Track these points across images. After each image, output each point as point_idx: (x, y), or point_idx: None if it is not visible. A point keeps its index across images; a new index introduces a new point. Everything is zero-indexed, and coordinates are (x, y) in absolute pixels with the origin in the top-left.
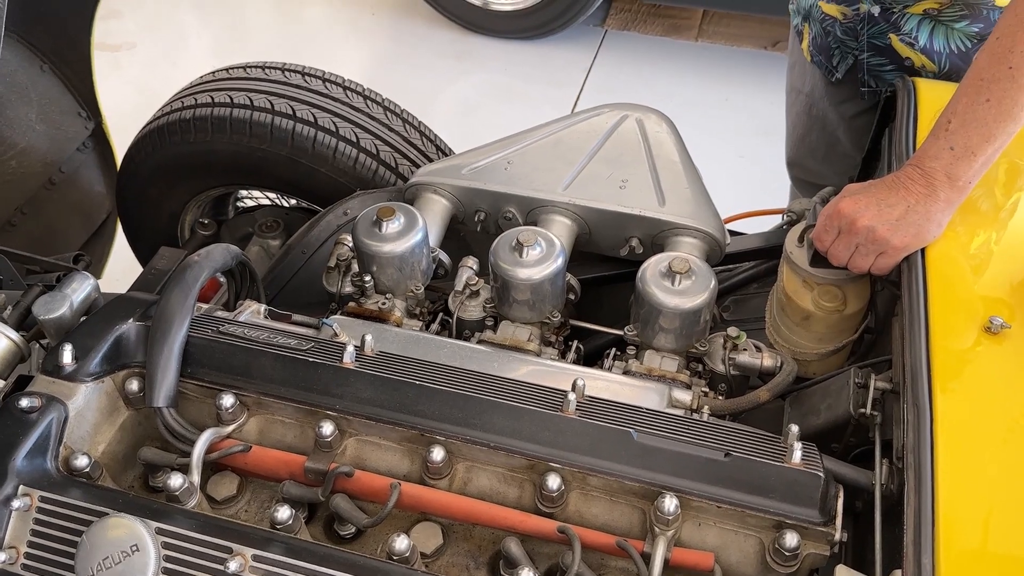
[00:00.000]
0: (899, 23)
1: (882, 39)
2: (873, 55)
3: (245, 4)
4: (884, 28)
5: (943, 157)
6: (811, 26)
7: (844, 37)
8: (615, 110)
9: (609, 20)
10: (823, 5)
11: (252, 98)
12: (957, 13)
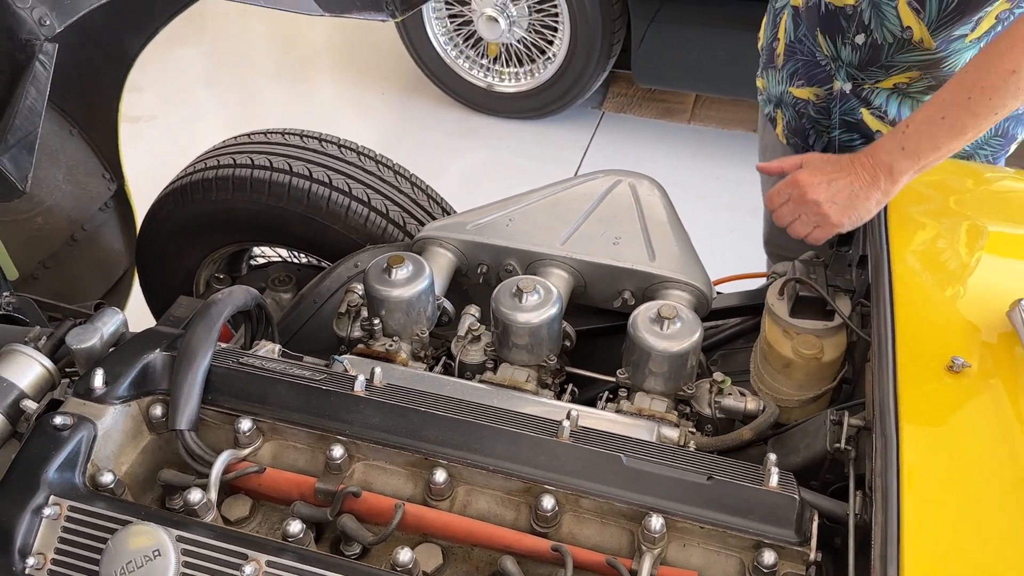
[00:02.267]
0: (869, 98)
1: (854, 115)
2: (844, 131)
3: (258, 82)
4: (855, 104)
5: (894, 153)
6: (784, 111)
7: (818, 117)
8: (610, 175)
9: (606, 103)
10: (794, 91)
11: (271, 160)
12: (925, 86)
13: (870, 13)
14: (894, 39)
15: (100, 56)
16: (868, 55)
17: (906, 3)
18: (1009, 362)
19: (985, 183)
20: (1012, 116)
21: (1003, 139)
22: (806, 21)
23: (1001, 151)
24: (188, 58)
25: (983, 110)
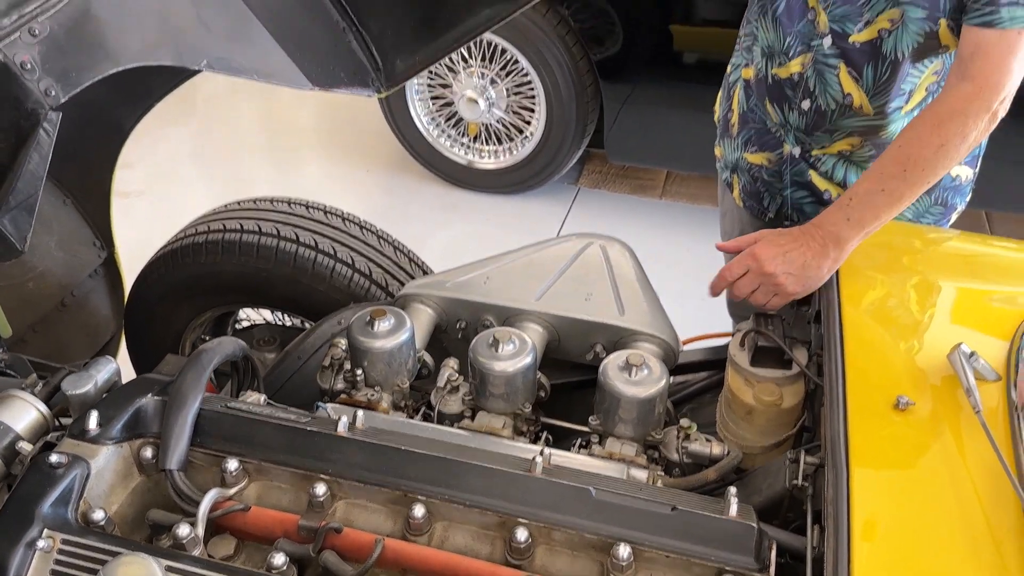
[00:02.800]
0: (816, 163)
1: (803, 176)
2: (796, 190)
3: (246, 161)
4: (804, 168)
5: (839, 224)
6: (740, 176)
7: (771, 180)
8: (582, 237)
9: (582, 179)
10: (748, 156)
11: (260, 225)
12: (867, 153)
13: (815, 80)
14: (836, 105)
15: (97, 129)
16: (814, 120)
17: (846, 71)
18: (951, 399)
19: (929, 243)
20: (950, 187)
21: (943, 208)
22: (756, 92)
23: (943, 219)
24: (178, 137)
25: (917, 180)
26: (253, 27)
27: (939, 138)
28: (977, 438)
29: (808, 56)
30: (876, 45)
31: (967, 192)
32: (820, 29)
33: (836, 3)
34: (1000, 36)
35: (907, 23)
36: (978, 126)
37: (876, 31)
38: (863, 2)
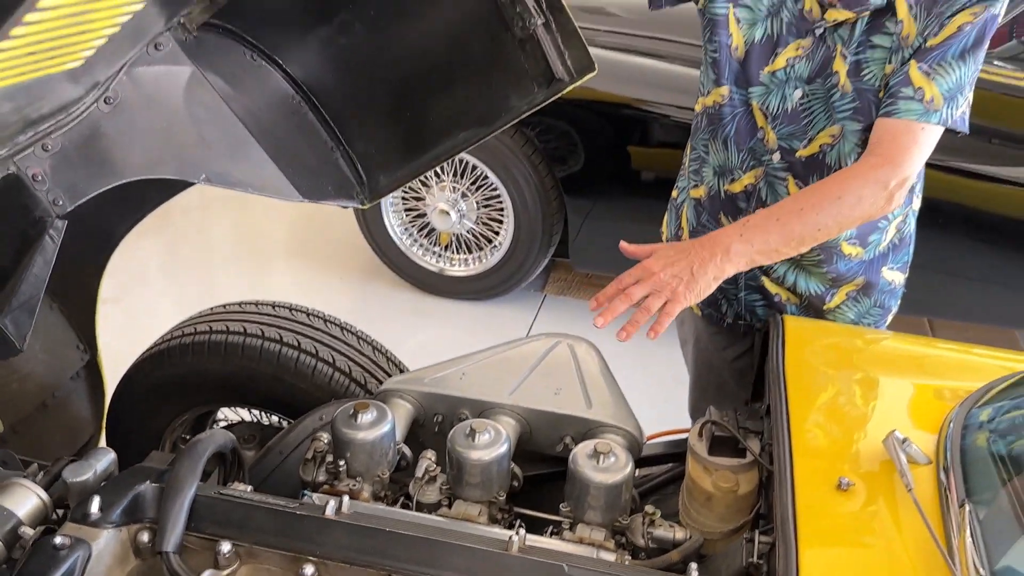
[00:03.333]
0: (768, 270)
1: (756, 280)
2: (750, 293)
3: (220, 271)
4: (757, 273)
5: (732, 237)
6: None
7: (726, 286)
8: (551, 337)
9: (548, 286)
10: None
11: (246, 326)
12: (816, 258)
13: (766, 190)
14: None
15: (88, 236)
16: None
17: (794, 182)
18: (887, 480)
19: (870, 343)
20: (886, 291)
21: (881, 310)
22: (708, 209)
23: (881, 320)
24: (153, 247)
25: (809, 221)
26: (249, 144)
27: (838, 191)
28: (910, 514)
29: (760, 170)
30: (819, 158)
31: (899, 296)
32: (769, 146)
33: (782, 123)
34: (902, 125)
35: (847, 135)
36: (875, 194)
37: (819, 145)
38: (806, 122)
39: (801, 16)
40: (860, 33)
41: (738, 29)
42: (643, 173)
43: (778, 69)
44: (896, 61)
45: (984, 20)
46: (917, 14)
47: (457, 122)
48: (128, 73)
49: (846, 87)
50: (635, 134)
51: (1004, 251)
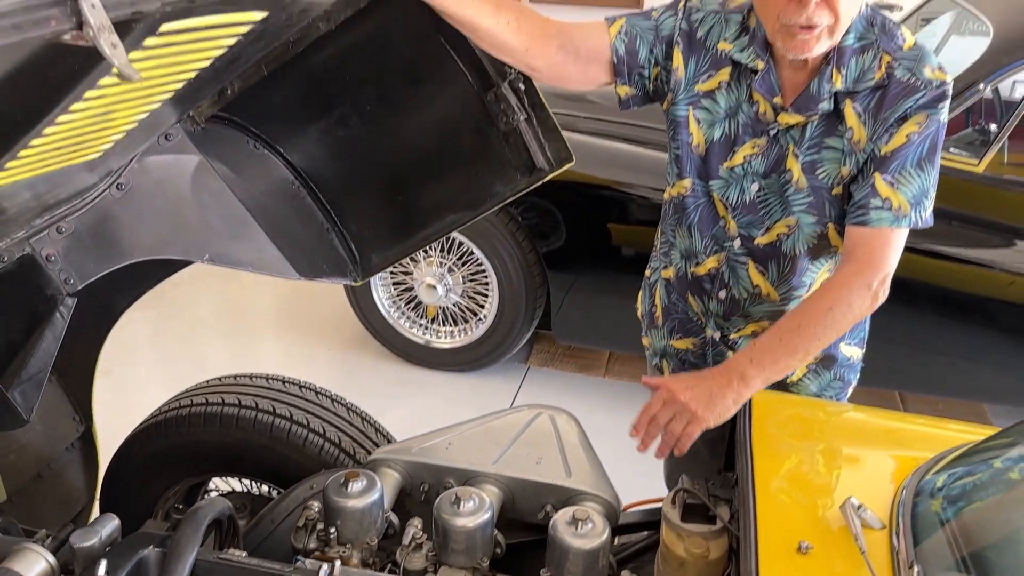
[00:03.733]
0: (734, 345)
1: (723, 356)
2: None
3: (209, 343)
4: (724, 349)
5: (743, 364)
6: (668, 360)
7: (696, 361)
8: (533, 408)
9: (532, 358)
10: (675, 343)
11: (240, 399)
12: None
13: (728, 274)
14: (748, 294)
15: (91, 310)
16: (730, 307)
17: (754, 267)
18: (844, 544)
19: (831, 415)
20: (845, 365)
21: (841, 383)
22: (677, 288)
23: (841, 393)
24: (143, 320)
25: (809, 336)
26: (250, 226)
27: (828, 303)
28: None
29: (722, 255)
30: (776, 246)
31: (858, 369)
32: (730, 233)
33: (741, 213)
34: (873, 232)
35: (802, 227)
36: (861, 298)
37: (776, 234)
38: (764, 213)
39: (756, 118)
40: (812, 135)
41: (698, 128)
42: (622, 249)
43: (736, 165)
44: (850, 164)
45: (932, 129)
46: (865, 120)
47: (446, 206)
48: (139, 161)
49: (800, 183)
50: (614, 213)
51: (970, 327)
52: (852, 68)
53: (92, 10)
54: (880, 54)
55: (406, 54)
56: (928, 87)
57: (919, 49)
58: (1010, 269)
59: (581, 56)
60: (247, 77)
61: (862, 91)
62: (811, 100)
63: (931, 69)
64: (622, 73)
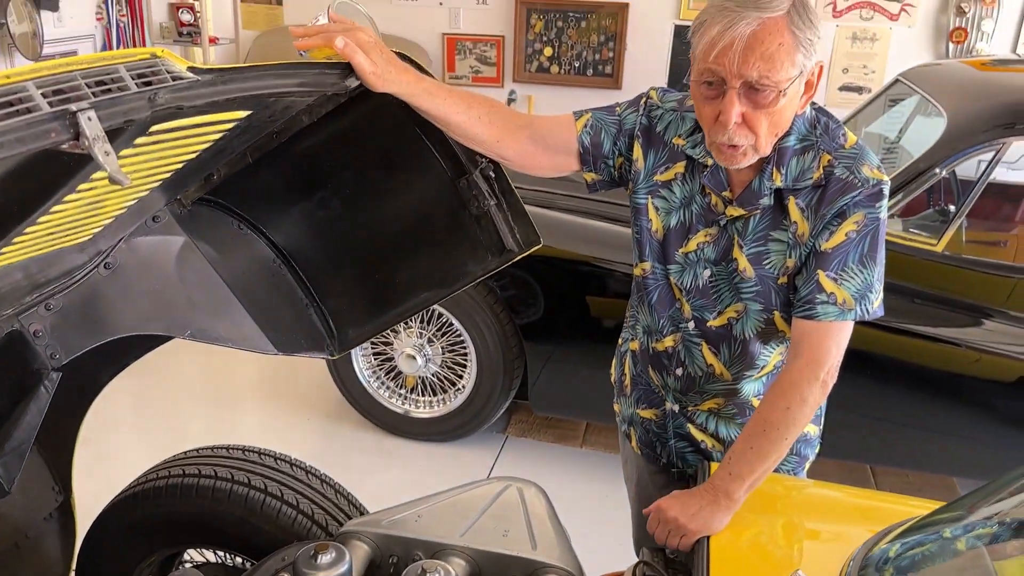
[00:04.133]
0: (693, 417)
1: (683, 428)
2: (678, 441)
3: (189, 412)
4: (683, 421)
5: (724, 479)
6: (635, 428)
7: (659, 431)
8: (502, 481)
9: (510, 428)
10: (640, 412)
11: (216, 470)
12: (731, 411)
13: (684, 353)
14: (703, 372)
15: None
16: (686, 383)
17: (707, 348)
18: None
19: (790, 489)
20: (801, 440)
21: (798, 457)
22: (641, 361)
23: (799, 467)
24: (126, 390)
25: (775, 437)
26: (232, 304)
27: (784, 402)
28: None
29: (678, 335)
30: (728, 329)
31: (815, 445)
32: (685, 315)
33: (695, 297)
34: (819, 325)
35: (749, 313)
36: (812, 391)
37: (727, 319)
38: (715, 298)
39: (708, 208)
40: (756, 228)
41: (656, 216)
42: (598, 322)
43: (690, 251)
44: (795, 256)
45: (871, 227)
46: (808, 216)
47: (421, 284)
48: (128, 241)
49: (747, 272)
50: (591, 287)
51: (939, 402)
52: (792, 167)
53: (88, 123)
54: (820, 154)
55: (384, 143)
56: (865, 185)
57: (858, 149)
58: (976, 346)
59: (550, 147)
60: (233, 164)
61: (803, 188)
62: (753, 196)
63: (869, 168)
64: (588, 162)
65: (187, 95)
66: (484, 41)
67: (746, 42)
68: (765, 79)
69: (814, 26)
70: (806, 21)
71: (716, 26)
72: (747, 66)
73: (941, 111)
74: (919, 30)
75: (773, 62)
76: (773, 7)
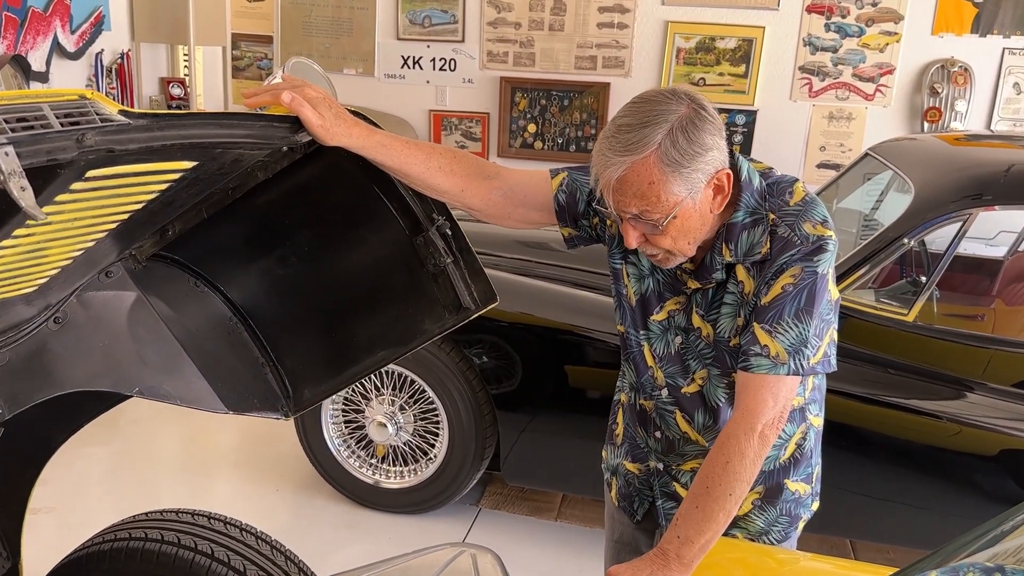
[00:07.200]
0: (678, 476)
1: (668, 487)
2: (665, 500)
3: (160, 480)
4: (668, 479)
5: (673, 543)
6: (617, 479)
7: (641, 487)
8: (455, 547)
9: (483, 500)
10: (626, 464)
11: (163, 534)
12: None
13: (659, 420)
14: (679, 437)
15: (24, 443)
16: (666, 445)
17: (680, 415)
18: None
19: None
20: (791, 500)
21: (789, 518)
22: (629, 415)
23: (791, 527)
24: (97, 456)
25: (719, 495)
26: (183, 361)
27: (723, 457)
28: None
29: (652, 402)
30: (700, 396)
31: (808, 505)
32: (658, 383)
33: (667, 364)
34: (756, 379)
35: (711, 379)
36: (750, 444)
37: (698, 386)
38: (686, 365)
39: (674, 278)
40: (714, 297)
41: (630, 282)
42: (578, 392)
43: (662, 319)
44: (743, 314)
45: (808, 281)
46: (754, 275)
47: (378, 342)
48: (79, 296)
49: (709, 339)
50: (571, 356)
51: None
52: (742, 242)
53: (5, 158)
54: (767, 221)
55: (341, 200)
56: (804, 242)
57: (803, 205)
58: (955, 418)
59: (524, 203)
60: (188, 219)
61: (753, 259)
62: (706, 271)
63: (811, 224)
64: (564, 219)
65: (119, 139)
66: (470, 117)
67: (616, 185)
68: (646, 213)
69: (696, 150)
70: (682, 150)
71: (595, 169)
72: (624, 204)
73: (909, 183)
74: (894, 110)
75: (647, 199)
76: (639, 148)
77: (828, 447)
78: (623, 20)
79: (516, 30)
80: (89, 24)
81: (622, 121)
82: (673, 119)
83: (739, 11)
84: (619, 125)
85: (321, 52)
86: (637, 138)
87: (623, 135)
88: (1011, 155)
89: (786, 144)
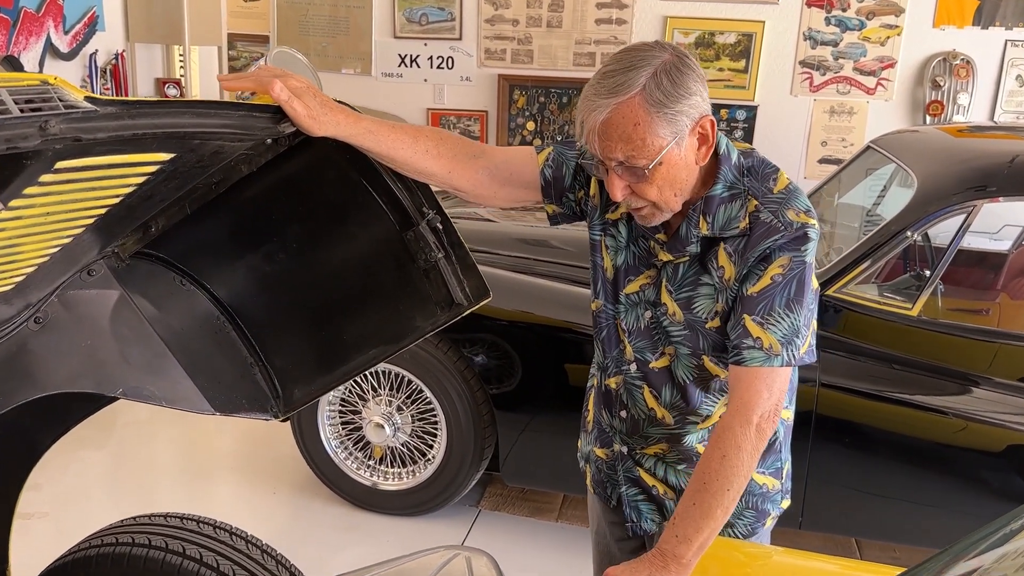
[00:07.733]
0: (641, 461)
1: (632, 472)
2: (629, 487)
3: (157, 484)
4: (631, 464)
5: (671, 542)
6: (591, 466)
7: (609, 472)
8: (450, 549)
9: (483, 501)
10: (595, 450)
11: (151, 539)
12: (675, 457)
13: (626, 396)
14: (645, 416)
15: (10, 447)
16: (630, 426)
17: (648, 391)
18: None
19: (755, 557)
20: (757, 494)
21: (755, 512)
22: (596, 399)
23: (758, 523)
24: (92, 460)
25: (716, 489)
26: (168, 361)
27: (720, 451)
28: None
29: (620, 377)
30: (668, 372)
31: (777, 501)
32: (627, 357)
33: (636, 338)
34: (750, 372)
35: (680, 357)
36: (746, 437)
37: (668, 360)
38: (655, 339)
39: (648, 251)
40: (686, 273)
41: (607, 254)
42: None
43: (632, 292)
44: (723, 300)
45: (797, 270)
46: (735, 260)
47: (369, 340)
48: (60, 296)
49: (677, 316)
50: (571, 353)
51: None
52: (720, 216)
53: None
54: (747, 201)
55: (329, 194)
56: (788, 228)
57: (786, 193)
58: (961, 414)
59: (510, 180)
60: (171, 215)
61: (730, 236)
62: (680, 243)
63: (795, 212)
64: (549, 195)
65: (86, 126)
66: (468, 116)
67: (601, 129)
68: (632, 158)
69: (681, 92)
70: (666, 91)
71: (580, 114)
72: (610, 150)
73: (912, 176)
74: (896, 103)
75: (632, 142)
76: (624, 89)
77: (832, 444)
78: (621, 16)
79: (514, 27)
80: (83, 24)
81: (607, 68)
82: (657, 63)
83: (738, 5)
84: (604, 72)
85: (318, 51)
86: (622, 80)
87: (608, 79)
88: (1015, 146)
89: (787, 139)
